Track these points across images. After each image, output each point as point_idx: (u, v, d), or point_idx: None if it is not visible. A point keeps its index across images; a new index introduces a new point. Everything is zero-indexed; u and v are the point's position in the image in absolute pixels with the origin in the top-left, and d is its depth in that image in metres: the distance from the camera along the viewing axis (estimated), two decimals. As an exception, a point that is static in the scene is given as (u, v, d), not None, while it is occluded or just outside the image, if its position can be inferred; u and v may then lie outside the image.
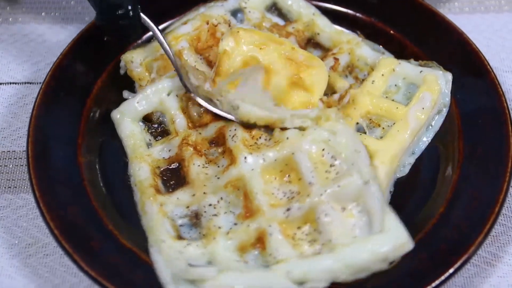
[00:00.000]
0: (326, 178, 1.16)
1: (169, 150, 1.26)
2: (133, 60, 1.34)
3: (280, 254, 1.11)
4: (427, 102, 1.28)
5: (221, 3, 1.41)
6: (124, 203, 1.22)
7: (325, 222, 1.13)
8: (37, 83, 1.44)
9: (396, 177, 1.26)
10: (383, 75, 1.33)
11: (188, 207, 1.19)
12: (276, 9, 1.44)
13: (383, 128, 1.29)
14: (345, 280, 1.11)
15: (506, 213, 1.28)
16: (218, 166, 1.22)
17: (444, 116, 1.31)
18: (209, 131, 1.26)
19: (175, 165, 1.26)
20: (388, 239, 1.12)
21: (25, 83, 1.45)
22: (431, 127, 1.30)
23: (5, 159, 1.34)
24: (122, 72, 1.36)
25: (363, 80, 1.34)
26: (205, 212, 1.17)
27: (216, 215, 1.16)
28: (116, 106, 1.31)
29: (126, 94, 1.34)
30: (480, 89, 1.30)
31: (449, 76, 1.32)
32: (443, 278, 1.08)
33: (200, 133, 1.25)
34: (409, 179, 1.26)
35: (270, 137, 1.23)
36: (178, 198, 1.20)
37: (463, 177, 1.21)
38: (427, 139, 1.30)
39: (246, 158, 1.18)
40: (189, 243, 1.14)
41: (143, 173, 1.22)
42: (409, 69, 1.33)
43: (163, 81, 1.30)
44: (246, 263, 1.12)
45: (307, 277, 1.10)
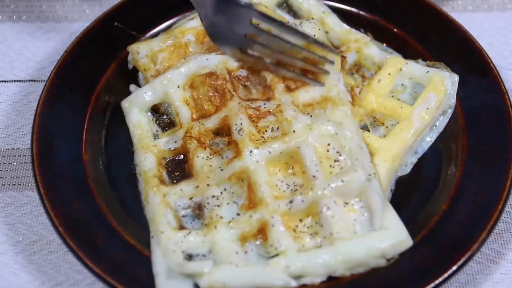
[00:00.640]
0: (330, 172, 1.16)
1: (175, 141, 1.26)
2: (139, 51, 1.34)
3: (281, 245, 1.11)
4: (432, 102, 1.28)
5: None
6: (128, 200, 1.22)
7: (327, 216, 1.13)
8: (41, 81, 1.45)
9: (397, 176, 1.26)
10: (389, 74, 1.33)
11: (191, 198, 1.19)
12: (287, 6, 1.45)
13: (387, 126, 1.29)
14: (342, 274, 1.11)
15: (509, 210, 1.28)
16: (222, 157, 1.22)
17: (449, 117, 1.30)
18: (212, 122, 1.26)
19: (181, 156, 1.26)
20: (387, 236, 1.13)
21: (29, 81, 1.45)
22: (435, 127, 1.30)
23: (10, 156, 1.35)
24: (130, 66, 1.37)
25: (369, 79, 1.34)
26: (208, 203, 1.17)
27: (218, 206, 1.17)
28: (120, 103, 1.31)
29: (133, 88, 1.35)
30: (483, 87, 1.30)
31: (456, 77, 1.32)
32: (446, 275, 1.09)
33: (203, 124, 1.25)
34: (413, 177, 1.26)
35: (277, 125, 1.23)
36: (181, 189, 1.20)
37: (467, 174, 1.21)
38: (430, 139, 1.30)
39: (251, 151, 1.18)
40: (189, 232, 1.14)
41: (148, 163, 1.23)
42: (416, 69, 1.33)
43: (171, 72, 1.29)
44: (245, 253, 1.12)
45: (305, 272, 1.10)
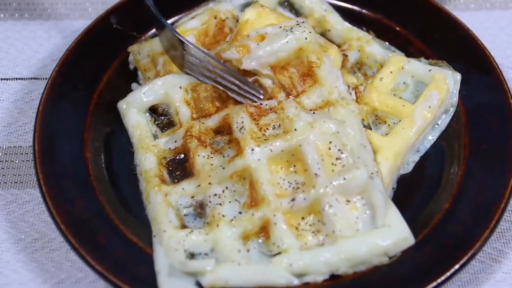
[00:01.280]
0: (332, 170, 1.16)
1: (175, 141, 1.26)
2: (140, 51, 1.34)
3: (283, 243, 1.11)
4: (434, 100, 1.28)
5: None
6: (130, 198, 1.22)
7: (330, 213, 1.13)
8: (43, 79, 1.44)
9: (399, 174, 1.26)
10: (391, 72, 1.33)
11: (193, 197, 1.19)
12: (288, 4, 1.44)
13: (389, 125, 1.29)
14: (345, 272, 1.11)
15: (512, 209, 1.28)
16: (223, 156, 1.22)
17: (451, 116, 1.30)
18: (213, 121, 1.25)
19: (181, 156, 1.26)
20: (389, 234, 1.12)
21: (32, 78, 1.45)
22: (437, 126, 1.30)
23: (12, 154, 1.35)
24: (131, 67, 1.36)
25: (371, 77, 1.34)
26: (210, 202, 1.17)
27: (220, 204, 1.16)
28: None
29: (135, 86, 1.35)
30: (486, 86, 1.30)
31: (458, 76, 1.31)
32: (448, 273, 1.08)
33: (203, 122, 1.25)
34: (415, 175, 1.26)
35: (278, 122, 1.23)
36: (183, 188, 1.20)
37: (469, 172, 1.20)
38: (432, 137, 1.29)
39: (253, 150, 1.18)
40: (192, 231, 1.14)
41: (148, 163, 1.23)
42: (418, 67, 1.33)
43: (172, 75, 1.29)
44: (248, 251, 1.12)
45: (308, 270, 1.10)
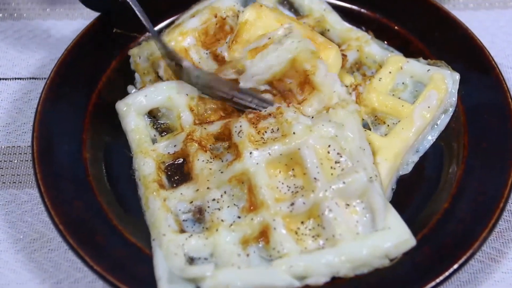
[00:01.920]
0: (331, 174, 1.16)
1: (174, 145, 1.25)
2: (140, 55, 1.34)
3: (283, 248, 1.11)
4: (433, 100, 1.28)
5: None
6: (128, 198, 1.22)
7: (329, 218, 1.12)
8: (42, 79, 1.44)
9: (399, 175, 1.25)
10: (390, 72, 1.32)
11: (191, 202, 1.19)
12: (288, 3, 1.44)
13: (388, 125, 1.28)
14: (346, 275, 1.11)
15: (511, 209, 1.27)
16: (222, 160, 1.22)
17: (450, 115, 1.30)
18: (214, 127, 1.25)
19: (180, 160, 1.26)
20: (390, 236, 1.12)
21: (30, 78, 1.45)
22: (436, 126, 1.30)
23: (10, 154, 1.35)
24: (132, 67, 1.36)
25: (370, 77, 1.34)
26: (209, 207, 1.17)
27: (219, 209, 1.16)
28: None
29: (130, 89, 1.35)
30: (485, 85, 1.29)
31: (457, 76, 1.31)
32: (447, 273, 1.08)
33: (205, 128, 1.25)
34: (414, 175, 1.26)
35: (277, 126, 1.22)
36: (181, 193, 1.20)
37: (468, 172, 1.20)
38: (432, 137, 1.29)
39: (251, 153, 1.18)
40: (191, 235, 1.13)
41: (147, 168, 1.22)
42: (416, 67, 1.33)
43: (180, 82, 1.28)
44: (247, 256, 1.12)
45: (308, 272, 1.10)
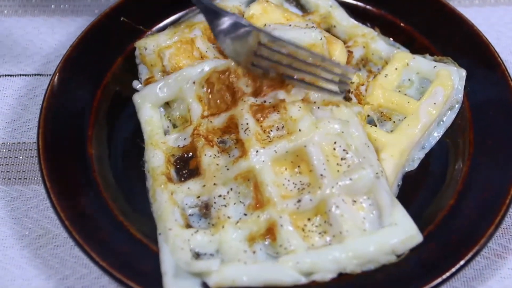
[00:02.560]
0: (337, 171, 1.16)
1: (184, 138, 1.26)
2: (147, 46, 1.34)
3: (290, 245, 1.11)
4: (440, 97, 1.28)
5: None
6: (134, 194, 1.22)
7: (336, 214, 1.12)
8: (47, 75, 1.44)
9: (404, 171, 1.25)
10: (396, 69, 1.32)
11: (198, 197, 1.19)
12: (294, -1, 1.45)
13: (394, 122, 1.28)
14: (352, 271, 1.11)
15: (516, 205, 1.27)
16: (229, 156, 1.22)
17: (456, 112, 1.30)
18: (220, 120, 1.25)
19: (190, 154, 1.25)
20: (397, 232, 1.12)
21: (35, 75, 1.45)
22: (442, 122, 1.30)
23: (16, 150, 1.35)
24: (138, 61, 1.36)
25: (376, 74, 1.34)
26: (215, 203, 1.17)
27: (225, 206, 1.16)
28: (126, 97, 1.31)
29: (135, 84, 1.35)
30: (490, 82, 1.29)
31: (463, 72, 1.31)
32: (453, 270, 1.08)
33: (211, 121, 1.25)
34: (420, 172, 1.26)
35: (282, 123, 1.22)
36: (189, 187, 1.20)
37: (474, 168, 1.20)
38: (438, 134, 1.29)
39: (257, 151, 1.18)
40: (197, 231, 1.14)
41: (156, 160, 1.23)
42: (423, 63, 1.33)
43: (185, 69, 1.28)
44: (254, 253, 1.12)
45: (315, 268, 1.10)
